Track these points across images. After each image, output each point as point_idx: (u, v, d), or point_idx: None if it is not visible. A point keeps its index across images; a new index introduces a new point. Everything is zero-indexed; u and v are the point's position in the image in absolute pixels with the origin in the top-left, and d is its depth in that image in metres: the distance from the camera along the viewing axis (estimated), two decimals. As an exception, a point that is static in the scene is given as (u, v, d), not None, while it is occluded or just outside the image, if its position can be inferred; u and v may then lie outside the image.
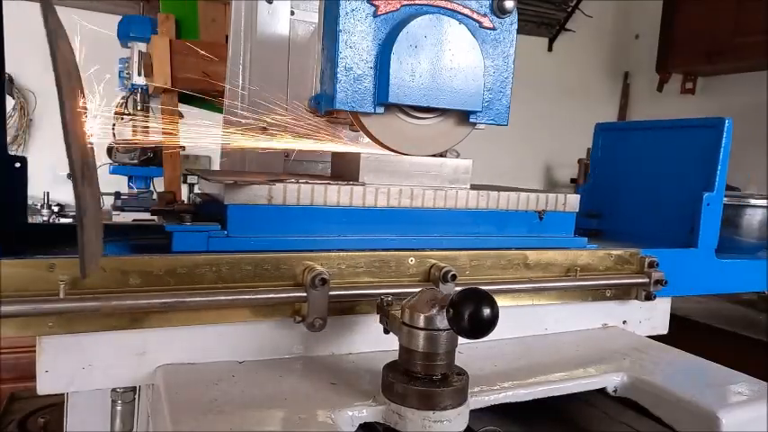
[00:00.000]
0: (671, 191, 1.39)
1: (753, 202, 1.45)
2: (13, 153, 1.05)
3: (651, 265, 1.20)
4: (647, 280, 1.19)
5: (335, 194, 0.98)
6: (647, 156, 1.50)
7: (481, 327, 0.69)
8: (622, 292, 1.21)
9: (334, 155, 1.21)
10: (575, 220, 1.18)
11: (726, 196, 1.40)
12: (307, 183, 0.97)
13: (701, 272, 1.33)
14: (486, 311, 0.69)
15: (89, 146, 0.73)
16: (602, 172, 1.61)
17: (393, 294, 0.91)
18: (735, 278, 1.41)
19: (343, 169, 1.12)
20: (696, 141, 1.36)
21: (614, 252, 1.19)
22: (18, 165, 1.06)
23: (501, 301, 1.01)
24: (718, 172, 1.31)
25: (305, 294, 0.88)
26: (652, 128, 1.55)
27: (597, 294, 1.18)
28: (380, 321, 0.87)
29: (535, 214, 1.13)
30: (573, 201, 1.16)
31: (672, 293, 1.28)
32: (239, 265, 0.88)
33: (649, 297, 1.20)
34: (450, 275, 0.97)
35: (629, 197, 1.51)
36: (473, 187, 1.10)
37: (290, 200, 0.95)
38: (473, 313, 0.69)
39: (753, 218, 1.45)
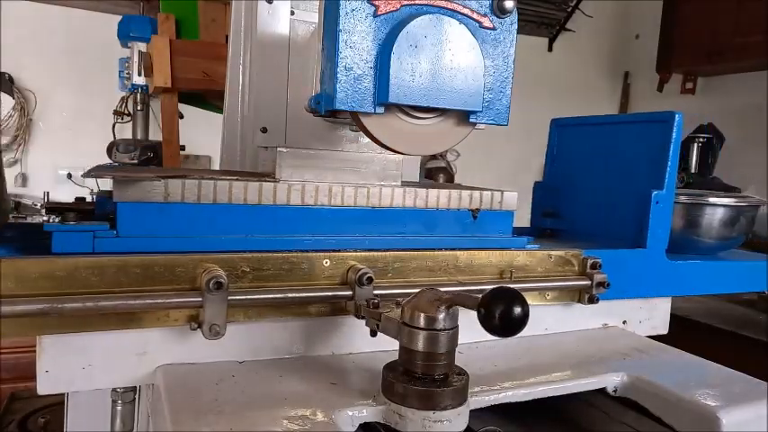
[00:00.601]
0: (622, 189, 1.33)
1: (711, 200, 1.39)
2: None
3: (594, 266, 1.14)
4: (588, 282, 1.13)
5: (242, 191, 0.92)
6: (600, 152, 1.43)
7: (512, 325, 0.69)
8: (564, 295, 1.16)
9: (262, 150, 1.14)
10: (512, 219, 1.13)
11: (683, 195, 1.36)
12: (212, 178, 0.91)
13: (651, 273, 1.26)
14: (518, 310, 0.69)
15: None
16: (558, 169, 1.55)
17: (304, 298, 0.89)
18: (688, 280, 1.34)
19: (268, 165, 1.07)
20: (647, 137, 1.30)
21: (554, 253, 1.12)
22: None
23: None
24: (668, 169, 1.24)
25: (200, 299, 0.81)
26: (604, 123, 1.49)
27: (535, 297, 1.12)
28: (368, 324, 0.87)
29: (469, 213, 1.08)
30: (510, 199, 1.11)
31: (618, 296, 1.22)
32: (126, 268, 0.80)
33: (592, 300, 1.15)
34: (365, 278, 0.91)
35: (584, 195, 1.45)
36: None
37: (189, 197, 0.88)
38: (504, 312, 0.69)
39: (712, 217, 1.39)
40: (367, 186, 1.02)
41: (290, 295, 0.89)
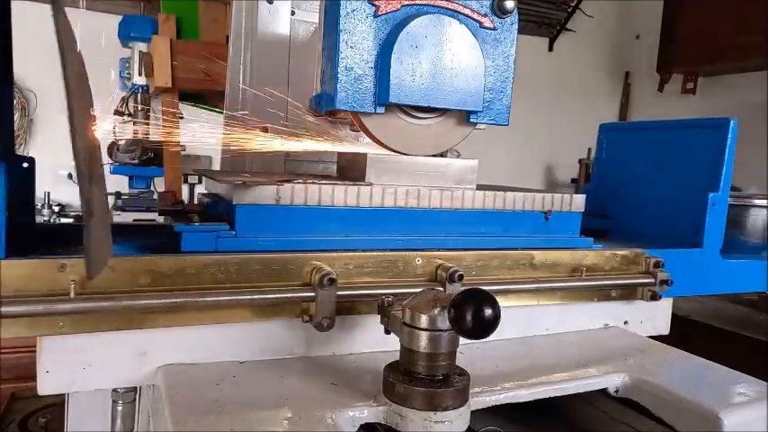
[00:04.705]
0: (676, 191, 1.40)
1: (756, 202, 1.45)
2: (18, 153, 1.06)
3: (656, 265, 1.20)
4: (652, 280, 1.19)
5: (342, 195, 0.98)
6: (651, 156, 1.50)
7: (483, 327, 0.69)
8: (628, 293, 1.21)
9: (340, 154, 1.21)
10: (580, 221, 1.18)
11: (730, 196, 1.40)
12: (314, 183, 0.97)
13: (707, 272, 1.33)
14: (488, 312, 0.69)
15: (96, 145, 0.73)
16: (607, 172, 1.62)
17: (399, 294, 0.91)
18: (739, 278, 1.40)
19: (350, 169, 1.13)
20: (701, 141, 1.36)
21: (620, 252, 1.19)
22: (26, 165, 1.07)
23: (506, 301, 1.02)
24: (724, 172, 1.31)
25: (313, 294, 0.88)
26: (657, 128, 1.55)
27: (602, 295, 1.18)
28: (381, 322, 0.87)
29: (541, 214, 1.13)
30: (579, 201, 1.16)
31: (677, 293, 1.28)
32: (247, 266, 0.88)
33: (655, 297, 1.20)
34: (457, 275, 0.97)
35: (635, 197, 1.51)
36: (479, 187, 1.11)
37: (297, 200, 0.95)
38: (475, 313, 0.69)
39: (757, 218, 1.44)
40: (450, 189, 1.06)
41: (389, 291, 0.92)
